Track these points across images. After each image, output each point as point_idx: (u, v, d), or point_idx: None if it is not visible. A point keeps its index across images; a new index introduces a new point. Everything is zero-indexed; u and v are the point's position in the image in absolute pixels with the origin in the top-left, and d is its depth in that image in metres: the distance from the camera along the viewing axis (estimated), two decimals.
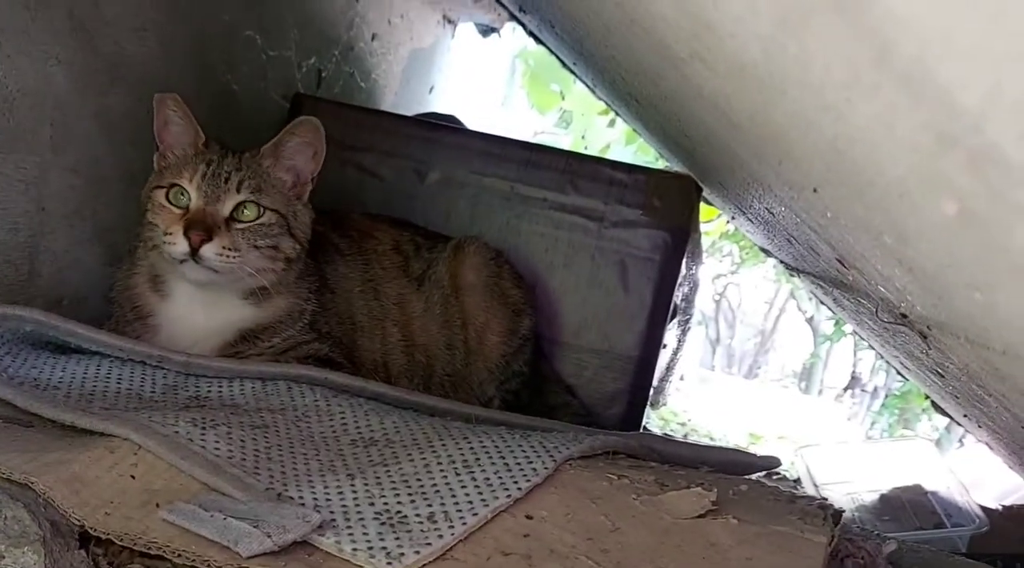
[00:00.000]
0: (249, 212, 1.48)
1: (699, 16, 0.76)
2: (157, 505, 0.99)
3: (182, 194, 1.45)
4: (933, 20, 0.50)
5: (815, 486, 2.44)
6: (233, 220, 1.47)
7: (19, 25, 1.35)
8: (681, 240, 1.99)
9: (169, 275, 1.51)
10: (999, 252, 0.61)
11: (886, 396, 7.06)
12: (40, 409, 1.15)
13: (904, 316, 1.02)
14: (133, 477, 1.04)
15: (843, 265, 1.10)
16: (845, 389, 7.94)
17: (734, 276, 9.19)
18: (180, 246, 1.42)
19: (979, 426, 1.65)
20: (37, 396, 1.19)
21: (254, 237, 1.48)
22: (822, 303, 2.61)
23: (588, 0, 1.22)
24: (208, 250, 1.42)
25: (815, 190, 0.87)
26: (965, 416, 1.65)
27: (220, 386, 1.39)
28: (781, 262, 2.05)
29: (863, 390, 7.74)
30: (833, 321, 7.36)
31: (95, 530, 0.95)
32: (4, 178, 1.38)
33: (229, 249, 1.44)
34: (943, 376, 1.28)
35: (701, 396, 4.48)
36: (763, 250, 2.56)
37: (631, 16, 0.99)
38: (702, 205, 2.16)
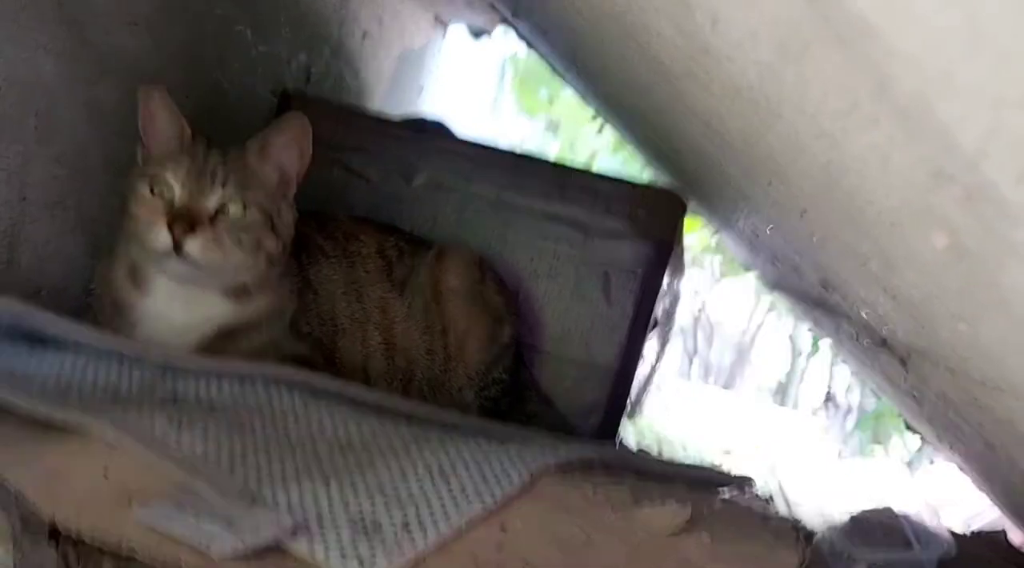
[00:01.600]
0: (233, 208, 1.47)
1: (696, 37, 0.76)
2: (130, 503, 0.97)
3: (166, 187, 1.44)
4: (935, 60, 0.50)
5: (787, 504, 2.45)
6: (217, 215, 1.46)
7: (7, 13, 1.33)
8: (664, 254, 1.99)
9: (149, 269, 1.49)
10: (987, 287, 0.61)
11: (860, 414, 7.11)
12: (14, 401, 1.14)
13: (885, 341, 1.02)
14: (107, 473, 1.03)
15: (826, 288, 1.10)
16: (820, 405, 7.99)
17: (714, 288, 9.24)
18: (163, 239, 1.41)
19: (951, 449, 1.66)
20: (11, 388, 1.17)
21: (237, 233, 1.47)
22: (800, 321, 2.62)
23: (583, 12, 1.22)
24: (191, 244, 1.41)
25: (804, 213, 0.88)
26: (938, 438, 1.66)
27: (198, 384, 1.37)
28: (763, 279, 2.06)
29: (837, 407, 7.79)
30: (811, 337, 7.40)
31: (66, 527, 0.94)
32: None
33: (212, 244, 1.43)
34: (919, 401, 1.29)
35: (677, 407, 4.49)
36: (745, 266, 2.57)
37: (627, 31, 0.99)
38: (685, 218, 2.17)
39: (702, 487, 1.46)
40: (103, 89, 1.58)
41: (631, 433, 3.22)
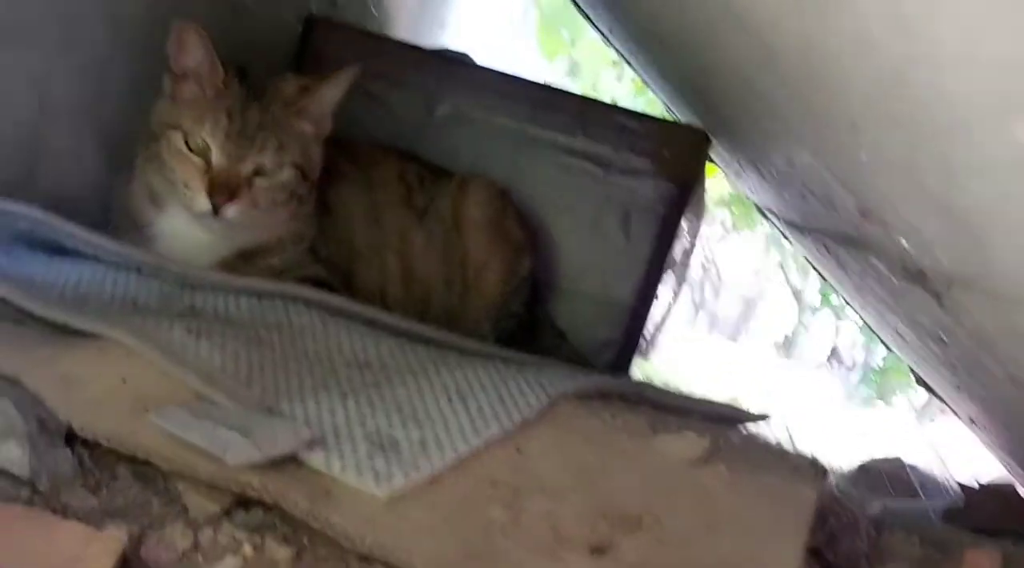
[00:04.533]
0: (271, 169, 1.47)
1: None
2: (146, 409, 0.96)
3: (201, 142, 1.42)
4: None
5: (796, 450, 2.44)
6: (254, 176, 1.45)
7: None
8: (686, 193, 1.98)
9: (168, 195, 1.47)
10: None
11: (865, 370, 7.13)
12: (32, 306, 1.13)
13: (922, 274, 1.00)
14: (124, 380, 1.02)
15: (865, 217, 1.07)
16: (825, 360, 8.00)
17: (723, 241, 9.20)
18: (201, 204, 1.41)
19: (970, 398, 1.64)
20: (30, 294, 1.16)
21: (273, 192, 1.47)
22: (816, 270, 2.59)
23: None
24: (230, 210, 1.42)
25: (853, 125, 0.84)
26: (957, 386, 1.65)
27: (216, 299, 1.36)
28: (787, 222, 2.03)
29: (842, 363, 7.80)
30: (820, 294, 7.37)
31: (83, 430, 0.93)
32: (6, 74, 1.33)
33: (249, 207, 1.44)
34: (946, 344, 1.27)
35: (684, 356, 4.48)
36: (761, 212, 2.54)
37: None
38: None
39: (719, 421, 1.45)
40: (127, 2, 1.55)
41: (639, 377, 3.22)
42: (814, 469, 1.26)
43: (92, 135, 1.56)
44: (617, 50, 2.88)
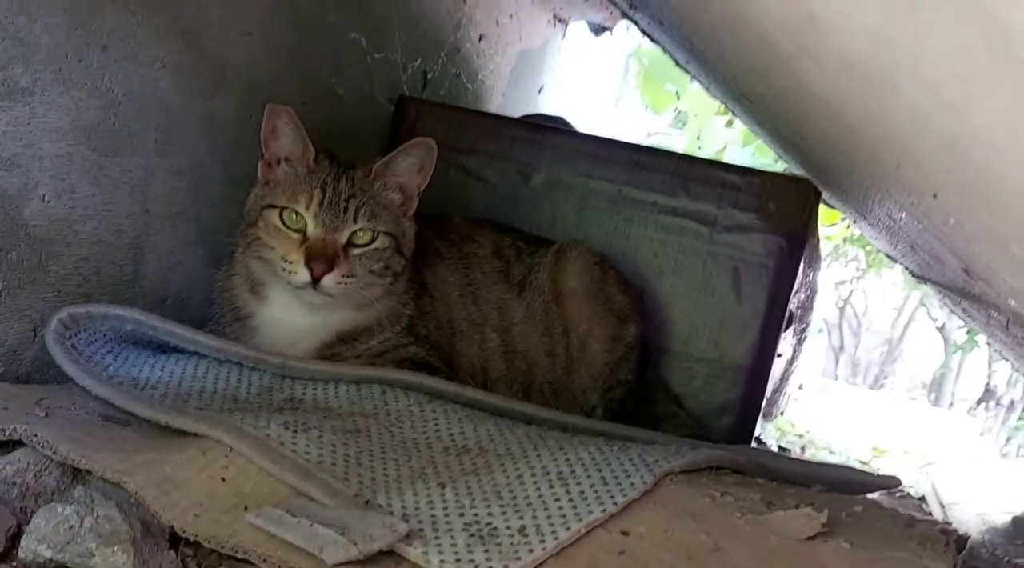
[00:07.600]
0: (364, 237, 1.50)
1: (802, 8, 0.70)
2: (246, 508, 0.98)
3: (296, 216, 1.47)
4: None
5: (941, 505, 2.31)
6: (349, 246, 1.49)
7: (124, 31, 1.37)
8: (798, 246, 1.90)
9: (269, 281, 1.52)
10: None
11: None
12: (136, 409, 1.17)
13: None
14: (223, 480, 1.04)
15: (969, 275, 1.01)
16: (978, 402, 7.56)
17: (859, 282, 8.85)
18: (301, 276, 1.44)
19: None
20: (134, 396, 1.21)
21: (369, 262, 1.50)
22: (952, 312, 2.46)
23: None
24: (328, 280, 1.44)
25: (935, 196, 0.80)
26: None
27: (315, 389, 1.39)
28: (907, 269, 1.94)
29: (998, 404, 7.34)
30: (966, 330, 7.00)
31: (184, 531, 0.95)
32: (109, 181, 1.41)
33: (347, 276, 1.46)
34: None
35: (821, 407, 4.31)
36: (888, 256, 2.44)
37: (736, 10, 0.93)
38: (824, 208, 2.07)
39: (843, 489, 1.37)
40: (219, 101, 1.62)
41: (771, 434, 3.11)
42: (946, 539, 1.17)
43: (192, 233, 1.62)
44: (721, 102, 2.84)
